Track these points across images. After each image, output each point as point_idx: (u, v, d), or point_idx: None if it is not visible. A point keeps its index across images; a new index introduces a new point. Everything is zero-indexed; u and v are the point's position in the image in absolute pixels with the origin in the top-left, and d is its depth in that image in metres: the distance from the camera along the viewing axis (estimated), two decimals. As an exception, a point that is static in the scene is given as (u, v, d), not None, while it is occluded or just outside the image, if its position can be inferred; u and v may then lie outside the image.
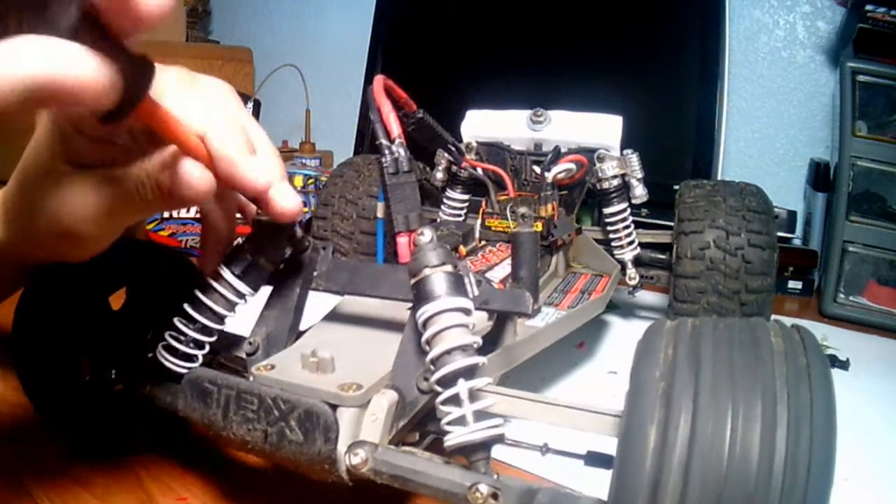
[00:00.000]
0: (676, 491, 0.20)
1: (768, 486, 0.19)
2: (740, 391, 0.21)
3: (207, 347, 0.34)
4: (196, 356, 0.34)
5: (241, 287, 0.34)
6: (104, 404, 0.39)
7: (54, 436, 0.42)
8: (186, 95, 0.29)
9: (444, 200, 0.69)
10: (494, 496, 0.25)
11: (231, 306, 0.34)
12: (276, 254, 0.34)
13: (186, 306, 0.34)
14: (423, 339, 0.29)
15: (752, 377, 0.21)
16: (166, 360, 0.33)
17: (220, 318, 0.34)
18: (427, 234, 0.29)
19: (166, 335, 0.33)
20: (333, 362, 0.30)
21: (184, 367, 0.33)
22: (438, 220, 0.68)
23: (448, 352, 0.28)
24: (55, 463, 0.40)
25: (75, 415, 0.39)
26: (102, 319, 0.39)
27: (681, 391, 0.21)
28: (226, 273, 0.34)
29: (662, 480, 0.20)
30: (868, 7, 0.81)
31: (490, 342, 0.39)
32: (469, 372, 0.28)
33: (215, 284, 0.34)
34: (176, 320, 0.33)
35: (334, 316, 0.39)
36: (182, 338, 0.33)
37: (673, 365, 0.22)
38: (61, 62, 0.20)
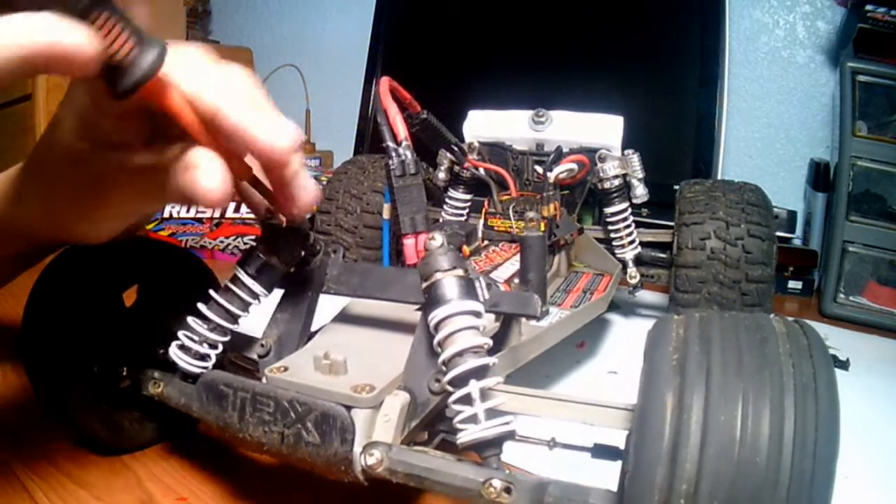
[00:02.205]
0: (694, 460, 0.20)
1: (779, 455, 0.20)
2: (749, 365, 0.21)
3: (221, 347, 0.34)
4: (209, 356, 0.34)
5: (255, 287, 0.34)
6: (111, 400, 0.39)
7: (54, 435, 0.42)
8: (206, 70, 0.29)
9: (447, 200, 0.69)
10: (507, 490, 0.25)
11: (245, 306, 0.34)
12: (289, 255, 0.35)
13: (201, 306, 0.34)
14: (436, 341, 0.29)
15: (760, 353, 0.22)
16: (180, 359, 0.33)
17: (234, 318, 0.34)
18: (438, 239, 0.30)
19: (180, 334, 0.34)
20: (346, 364, 0.31)
21: (197, 367, 0.33)
22: (441, 220, 0.68)
23: (460, 353, 0.28)
24: (55, 463, 0.40)
25: (82, 410, 0.39)
26: (114, 316, 0.40)
27: (693, 366, 0.22)
28: (240, 273, 0.34)
29: (680, 449, 0.20)
30: (868, 7, 0.81)
31: (496, 342, 0.39)
32: (480, 372, 0.28)
33: (230, 284, 0.34)
34: (190, 319, 0.34)
35: (344, 318, 0.40)
36: (196, 337, 0.34)
37: (685, 343, 0.23)
38: (52, 34, 0.22)
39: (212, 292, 0.34)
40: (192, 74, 0.28)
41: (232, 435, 0.31)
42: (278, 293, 0.37)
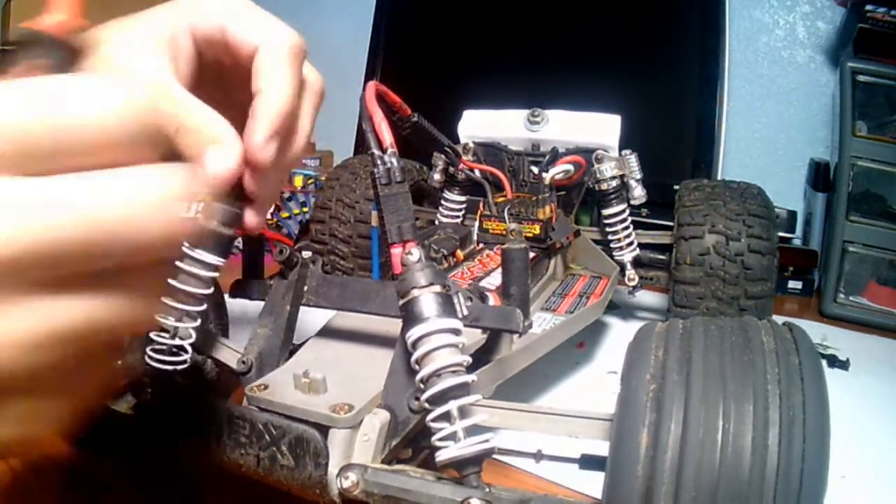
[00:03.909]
0: (669, 494, 0.20)
1: (761, 487, 0.19)
2: (731, 394, 0.21)
3: (194, 336, 0.33)
4: (184, 347, 0.33)
5: (206, 257, 0.32)
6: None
7: (55, 437, 0.42)
8: (298, 66, 0.31)
9: (442, 202, 0.68)
10: None
11: (204, 284, 0.32)
12: (228, 214, 0.31)
13: (163, 298, 0.33)
14: (413, 359, 0.29)
15: (743, 379, 0.21)
16: (156, 360, 0.33)
17: (198, 299, 0.32)
18: (415, 254, 0.29)
19: (151, 335, 0.33)
20: (325, 382, 0.31)
21: (174, 363, 0.33)
22: (437, 223, 0.67)
23: (437, 373, 0.28)
24: (56, 464, 0.40)
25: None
26: None
27: (671, 395, 0.21)
28: (186, 249, 0.31)
29: (655, 483, 0.20)
30: (868, 7, 0.81)
31: (486, 352, 0.39)
32: (459, 390, 0.28)
33: (180, 265, 0.32)
34: (157, 316, 0.33)
35: (327, 331, 0.39)
36: (166, 333, 0.33)
37: (663, 369, 0.22)
38: None
39: (168, 280, 0.33)
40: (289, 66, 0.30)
41: (210, 457, 0.31)
42: (258, 307, 0.37)
